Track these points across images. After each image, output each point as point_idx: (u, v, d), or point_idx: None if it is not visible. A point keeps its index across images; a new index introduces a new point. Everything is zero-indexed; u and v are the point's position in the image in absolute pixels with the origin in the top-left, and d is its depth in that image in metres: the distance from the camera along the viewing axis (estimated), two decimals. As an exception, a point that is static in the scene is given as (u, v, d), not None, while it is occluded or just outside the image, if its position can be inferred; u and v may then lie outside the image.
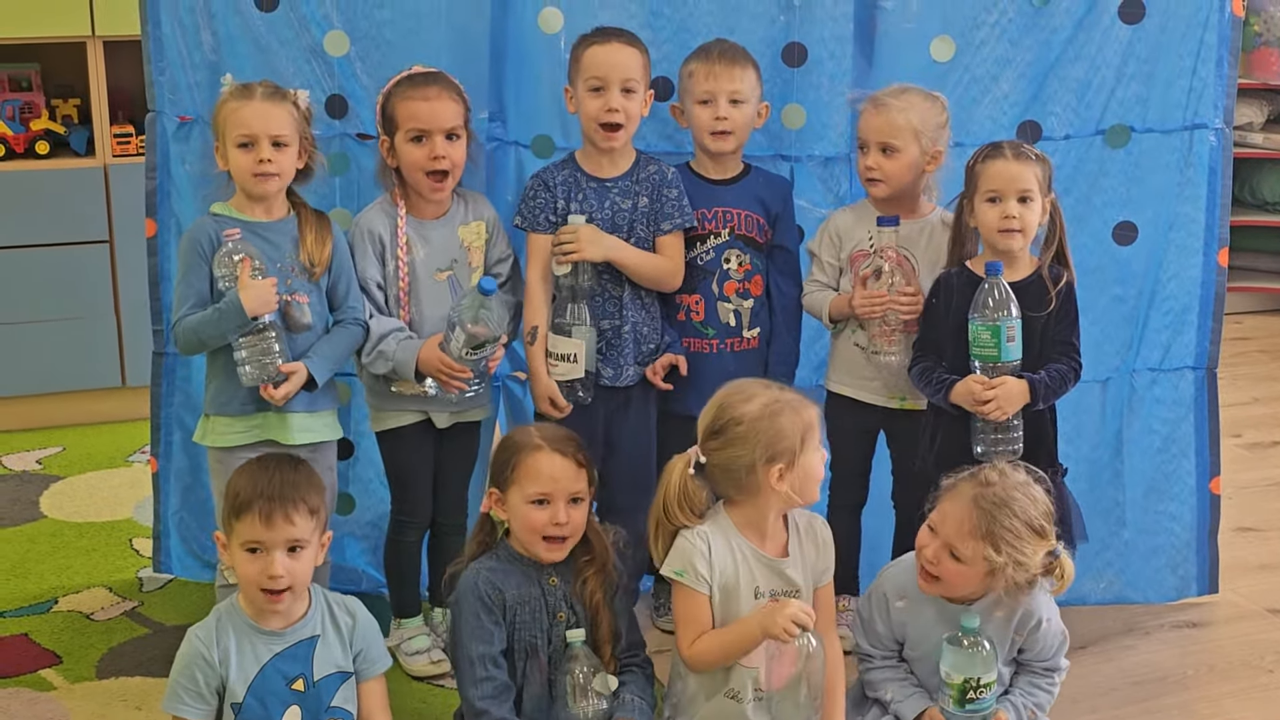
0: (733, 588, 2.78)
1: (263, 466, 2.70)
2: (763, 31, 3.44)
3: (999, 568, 2.70)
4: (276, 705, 2.64)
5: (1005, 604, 2.80)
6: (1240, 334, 6.03)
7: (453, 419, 3.30)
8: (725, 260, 3.36)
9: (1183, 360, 3.57)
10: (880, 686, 2.86)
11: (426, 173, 3.17)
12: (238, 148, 3.01)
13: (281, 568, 2.60)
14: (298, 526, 2.61)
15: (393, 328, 3.19)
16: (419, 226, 3.24)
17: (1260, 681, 3.36)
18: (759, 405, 2.74)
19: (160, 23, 3.32)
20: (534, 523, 2.76)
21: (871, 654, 2.90)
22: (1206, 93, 3.45)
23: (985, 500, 2.71)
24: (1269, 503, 4.37)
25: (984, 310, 3.05)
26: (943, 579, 2.75)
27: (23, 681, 3.27)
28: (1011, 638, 2.83)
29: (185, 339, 3.05)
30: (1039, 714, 2.85)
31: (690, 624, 2.78)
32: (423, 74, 3.21)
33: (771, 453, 2.72)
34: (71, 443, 4.70)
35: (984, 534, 2.69)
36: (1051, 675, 2.88)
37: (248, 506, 2.60)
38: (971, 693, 2.71)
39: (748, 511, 2.81)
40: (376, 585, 3.59)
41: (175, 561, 3.65)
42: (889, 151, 3.24)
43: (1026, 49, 3.44)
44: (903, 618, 2.85)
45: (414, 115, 3.15)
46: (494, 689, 2.72)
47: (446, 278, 3.26)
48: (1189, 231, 3.50)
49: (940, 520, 2.75)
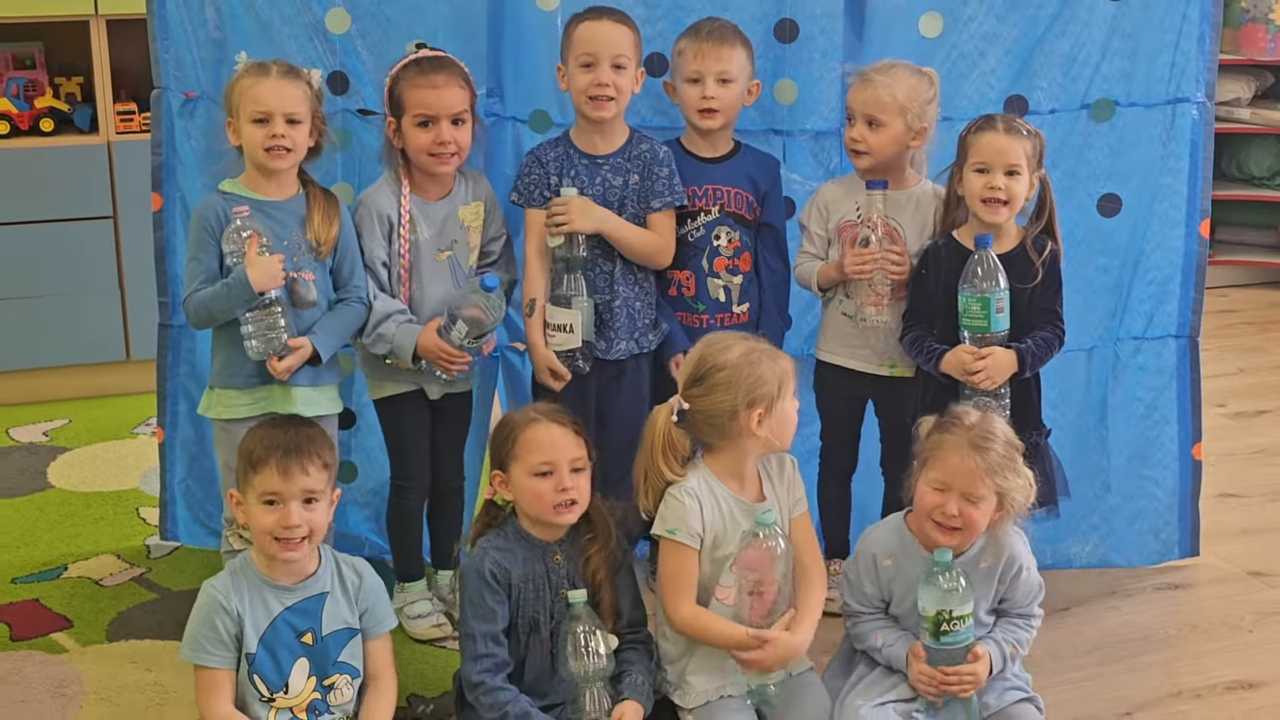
0: (720, 536, 2.88)
1: (275, 424, 2.80)
2: (755, 8, 3.51)
3: (1007, 492, 2.81)
4: (287, 656, 2.73)
5: (989, 553, 2.89)
6: (1227, 306, 6.12)
7: (442, 391, 3.38)
8: (715, 237, 3.42)
9: (1165, 329, 3.65)
10: (869, 636, 2.95)
11: (430, 155, 3.23)
12: (252, 123, 3.07)
13: (298, 517, 2.68)
14: (312, 478, 2.70)
15: (394, 309, 3.25)
16: (423, 206, 3.29)
17: (1240, 640, 3.45)
18: (738, 353, 2.86)
19: (165, 1, 3.37)
20: (541, 493, 2.83)
21: (859, 611, 2.98)
22: (1189, 67, 3.52)
23: (978, 440, 2.81)
24: (1251, 470, 4.46)
25: (973, 282, 3.13)
26: (966, 527, 2.83)
27: (35, 645, 3.35)
28: (995, 586, 2.92)
29: (195, 314, 3.12)
30: (1020, 649, 2.94)
31: (678, 583, 2.87)
32: (430, 59, 3.25)
33: (751, 397, 2.82)
34: (77, 415, 4.77)
35: (993, 469, 2.80)
36: (1029, 619, 2.97)
37: (264, 460, 2.69)
38: (945, 624, 2.79)
39: (727, 459, 2.90)
40: (379, 551, 3.66)
41: (182, 529, 3.73)
42: (874, 125, 3.30)
43: (1013, 25, 3.51)
44: (890, 575, 2.93)
45: (422, 102, 3.20)
46: (492, 664, 2.81)
47: (446, 258, 3.32)
48: (1171, 203, 3.58)
49: (946, 476, 2.82)
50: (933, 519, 2.85)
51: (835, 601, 3.31)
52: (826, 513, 3.52)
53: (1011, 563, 2.91)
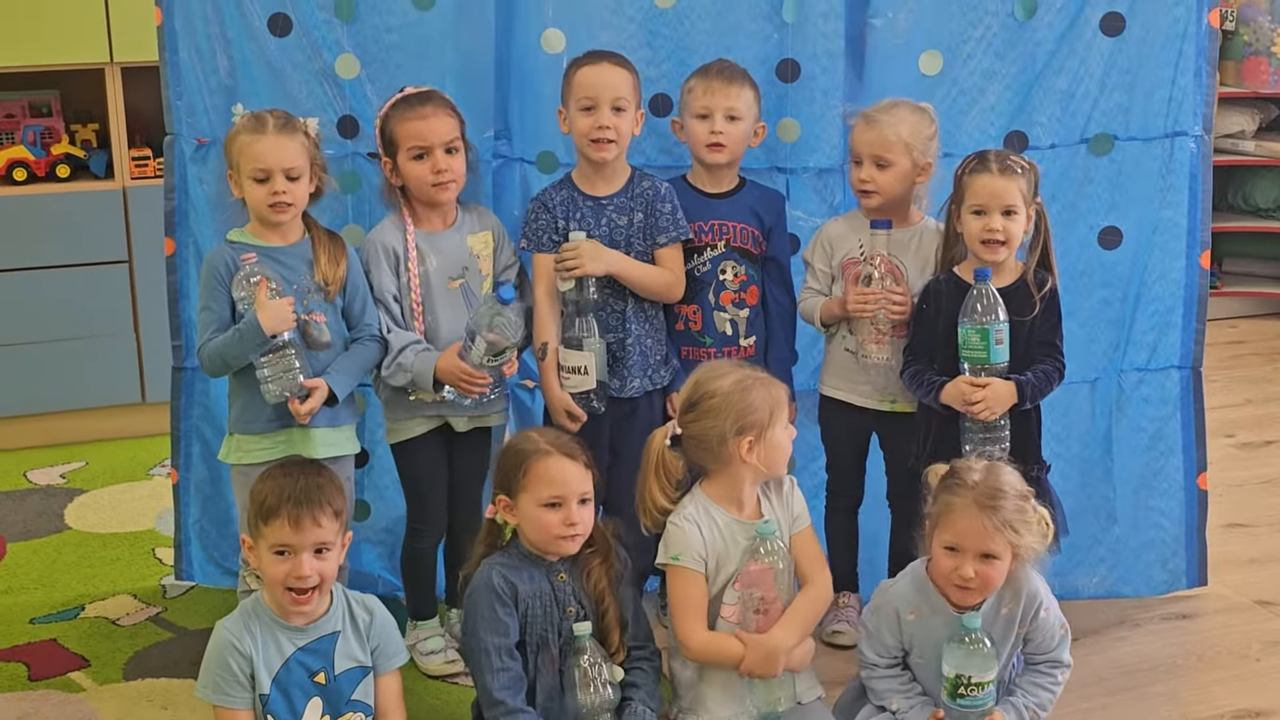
0: (723, 558, 2.92)
1: (286, 472, 2.80)
2: (757, 49, 3.56)
3: (1021, 546, 2.80)
4: (300, 697, 2.75)
5: (1008, 599, 2.88)
6: (1235, 338, 6.14)
7: (471, 423, 3.40)
8: (721, 271, 3.47)
9: (1168, 360, 3.67)
10: (885, 696, 2.93)
11: (431, 184, 3.28)
12: (253, 181, 3.12)
13: (309, 568, 2.71)
14: (324, 529, 2.72)
15: (409, 340, 3.29)
16: (428, 238, 3.34)
17: (1248, 669, 3.46)
18: (731, 381, 2.91)
19: (178, 49, 3.43)
20: (548, 525, 2.88)
21: (876, 662, 2.95)
22: (1186, 101, 3.56)
23: (985, 498, 2.78)
24: (1259, 500, 4.48)
25: (973, 314, 3.16)
26: (985, 585, 2.81)
27: (53, 684, 3.38)
28: (1017, 630, 2.90)
29: (211, 362, 3.16)
30: (1041, 713, 2.91)
31: (688, 607, 2.91)
32: (416, 94, 3.31)
33: (741, 424, 2.87)
34: (94, 458, 4.82)
35: (1004, 525, 2.77)
36: (1054, 673, 2.93)
37: (275, 511, 2.71)
38: (963, 688, 2.79)
39: (723, 484, 2.95)
40: (392, 589, 3.69)
41: (197, 569, 3.76)
42: (882, 165, 3.35)
43: (1012, 62, 3.56)
44: (913, 630, 2.91)
45: (413, 134, 3.25)
46: (509, 679, 2.83)
47: (459, 285, 3.36)
48: (1172, 235, 3.61)
49: (957, 539, 2.80)
50: (951, 582, 2.84)
51: (843, 634, 3.34)
52: (834, 546, 3.54)
53: (1031, 602, 2.88)
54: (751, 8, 3.55)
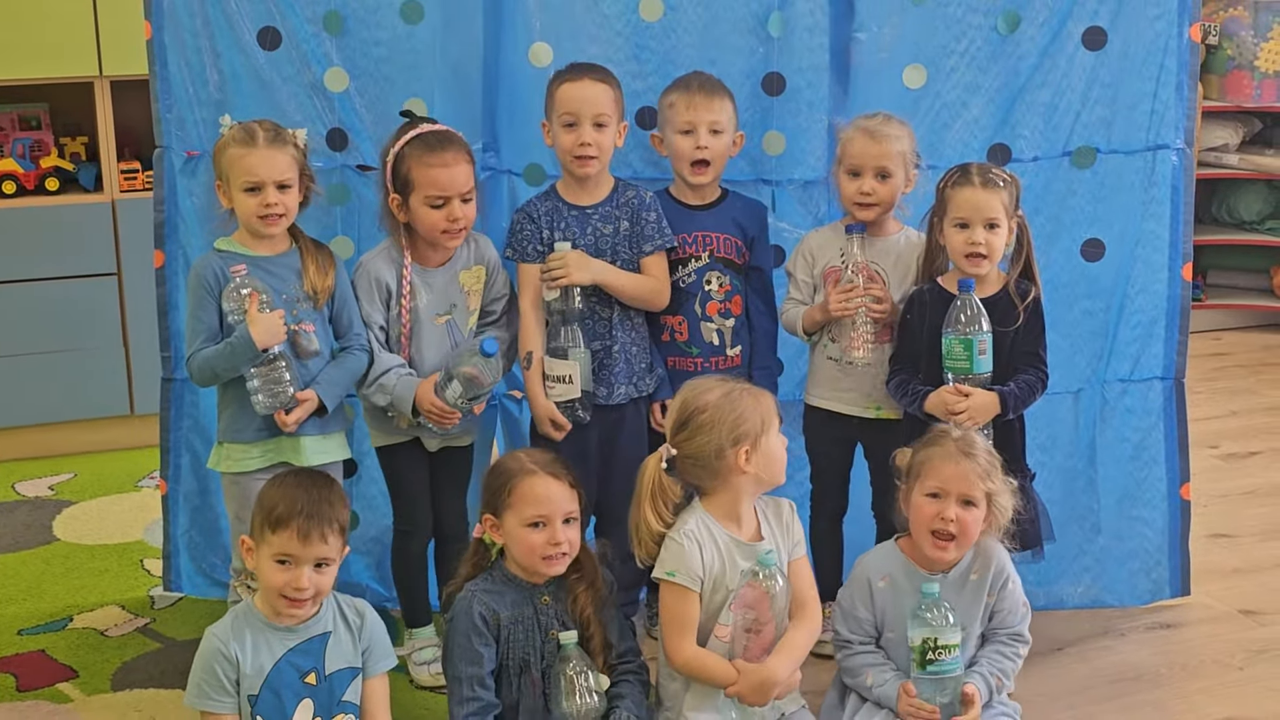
0: (720, 578, 2.93)
1: (299, 483, 2.80)
2: (743, 63, 3.59)
3: (995, 494, 2.94)
4: (290, 698, 2.76)
5: (979, 565, 3.00)
6: (1219, 350, 6.17)
7: (441, 444, 3.44)
8: (706, 282, 3.49)
9: (1151, 371, 3.70)
10: (859, 672, 3.00)
11: (443, 231, 3.28)
12: (244, 192, 3.13)
13: (308, 581, 2.72)
14: (329, 546, 2.74)
15: (395, 364, 3.31)
16: (423, 274, 3.35)
17: (1231, 678, 3.48)
18: (719, 394, 2.93)
19: (168, 63, 3.45)
20: (533, 545, 2.88)
21: (850, 640, 3.04)
22: (1168, 115, 3.59)
23: (964, 447, 2.96)
24: (1243, 510, 4.50)
25: (957, 325, 3.19)
26: (962, 533, 2.94)
27: (41, 695, 3.39)
28: (985, 599, 3.01)
29: (199, 372, 3.17)
30: (1005, 680, 3.01)
31: (678, 624, 2.92)
32: (435, 135, 3.28)
33: (736, 434, 2.89)
34: (82, 469, 4.83)
35: (983, 472, 2.94)
36: (1016, 645, 3.04)
37: (285, 522, 2.71)
38: (931, 653, 2.87)
39: (723, 501, 2.96)
40: (381, 599, 3.71)
41: (185, 580, 3.77)
42: (884, 177, 3.38)
43: (995, 75, 3.59)
44: (883, 599, 3.00)
45: (434, 183, 3.23)
46: (478, 708, 2.85)
47: (445, 322, 3.38)
48: (1154, 247, 3.64)
49: (941, 482, 2.94)
50: (930, 529, 2.93)
51: (826, 645, 3.34)
52: (818, 555, 3.56)
53: (1000, 573, 3.02)
54: (737, 22, 3.57)
